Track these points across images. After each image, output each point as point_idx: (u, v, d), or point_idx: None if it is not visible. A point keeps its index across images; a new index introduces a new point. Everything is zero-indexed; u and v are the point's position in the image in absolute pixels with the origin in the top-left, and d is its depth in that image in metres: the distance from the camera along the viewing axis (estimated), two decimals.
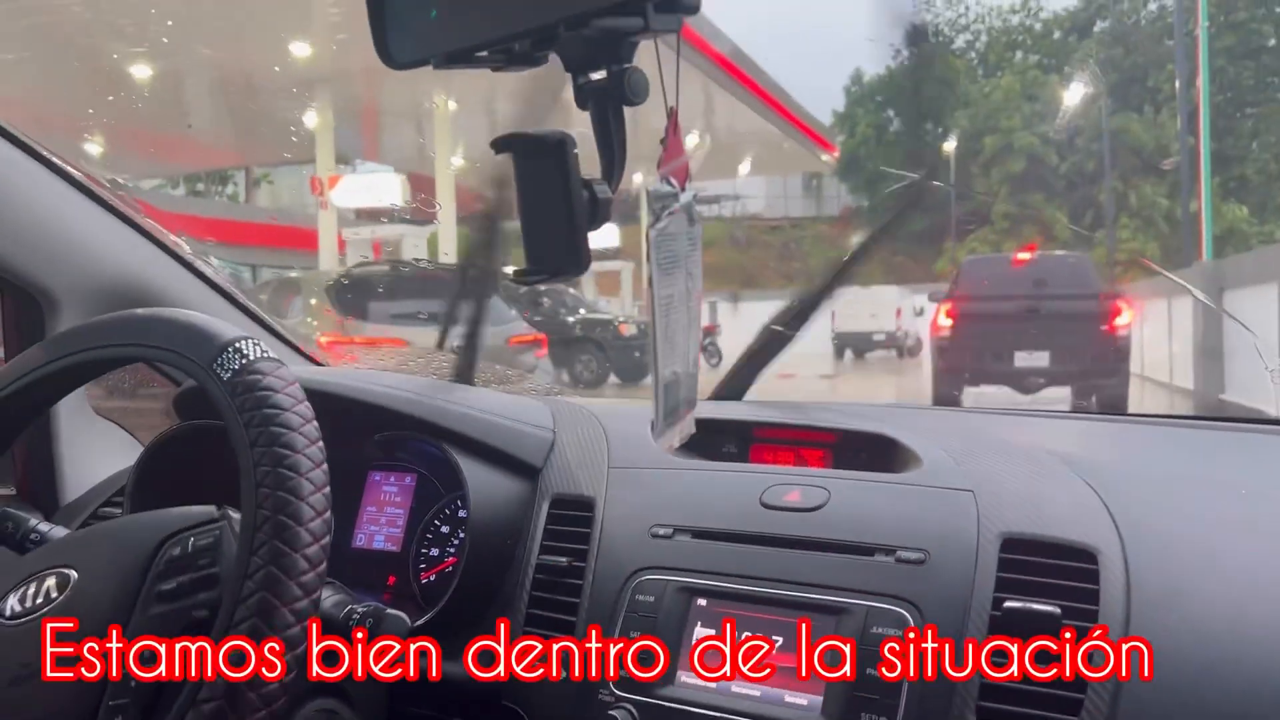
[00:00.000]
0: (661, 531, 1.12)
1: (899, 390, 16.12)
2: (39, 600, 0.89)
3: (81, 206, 1.42)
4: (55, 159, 1.39)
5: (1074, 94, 33.69)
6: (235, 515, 0.90)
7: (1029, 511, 0.99)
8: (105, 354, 0.97)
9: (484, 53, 0.69)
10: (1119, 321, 9.45)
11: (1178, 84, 17.57)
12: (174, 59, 13.70)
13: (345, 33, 13.02)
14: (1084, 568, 0.92)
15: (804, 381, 18.06)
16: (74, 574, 0.90)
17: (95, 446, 1.47)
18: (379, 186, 16.42)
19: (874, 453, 1.22)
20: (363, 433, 1.33)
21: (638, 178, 0.95)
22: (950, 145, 32.78)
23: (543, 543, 1.19)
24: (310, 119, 15.92)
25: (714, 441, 1.33)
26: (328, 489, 0.83)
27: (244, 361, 0.87)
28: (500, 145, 0.71)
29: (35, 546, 1.05)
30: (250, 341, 0.89)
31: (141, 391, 1.63)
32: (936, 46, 39.56)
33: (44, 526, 1.08)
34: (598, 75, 0.70)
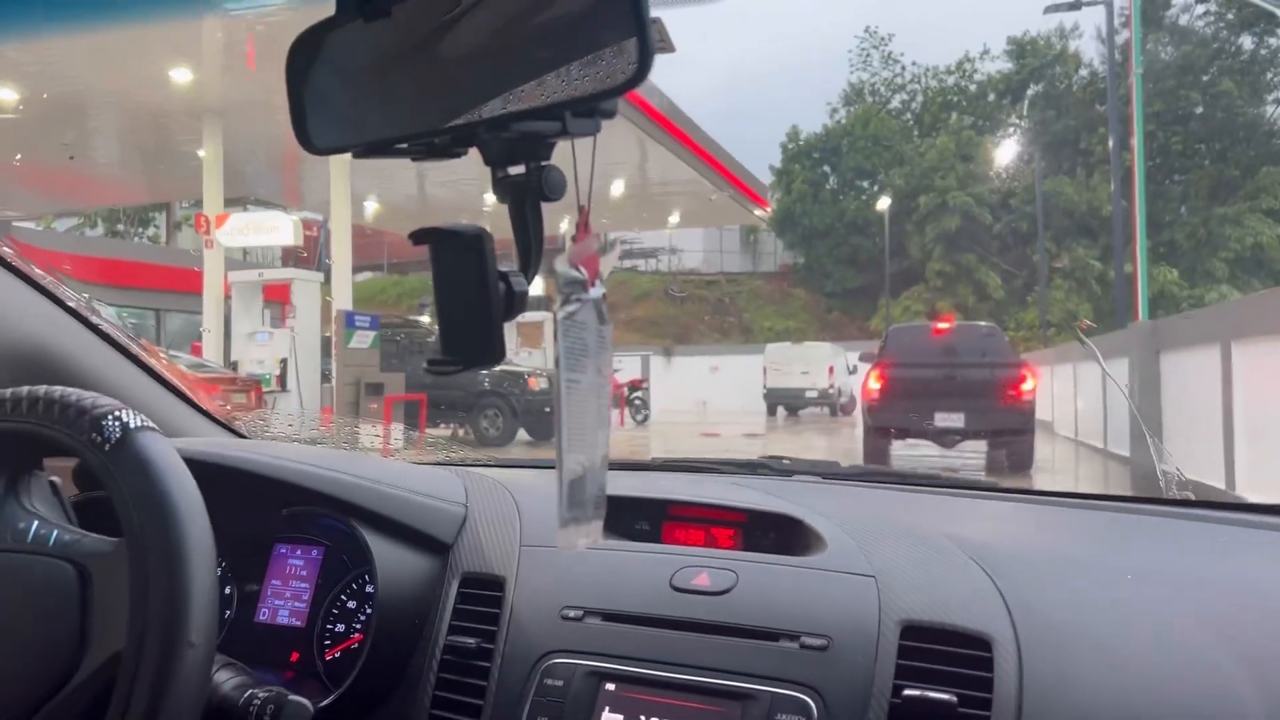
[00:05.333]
0: (572, 614, 1.13)
1: (829, 452, 16.28)
2: None
3: None
4: None
5: (1007, 155, 34.97)
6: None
7: (927, 598, 1.04)
8: None
9: (404, 144, 0.74)
10: (1024, 388, 10.98)
11: (1111, 144, 18.23)
12: (48, 82, 13.29)
13: (238, 60, 12.74)
14: (979, 655, 0.97)
15: (729, 441, 18.12)
16: None
17: None
18: (269, 226, 15.80)
19: (781, 533, 1.25)
20: (269, 506, 1.32)
21: (564, 225, 0.93)
22: (885, 203, 33.77)
23: (451, 622, 1.19)
24: (201, 152, 15.51)
25: (626, 518, 1.35)
26: (213, 578, 0.85)
27: (124, 432, 0.88)
28: (418, 237, 0.73)
29: None
30: (129, 413, 0.89)
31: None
32: (873, 105, 40.80)
33: None
34: (516, 170, 0.73)
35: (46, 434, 0.91)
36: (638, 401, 20.67)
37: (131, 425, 0.88)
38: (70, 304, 1.43)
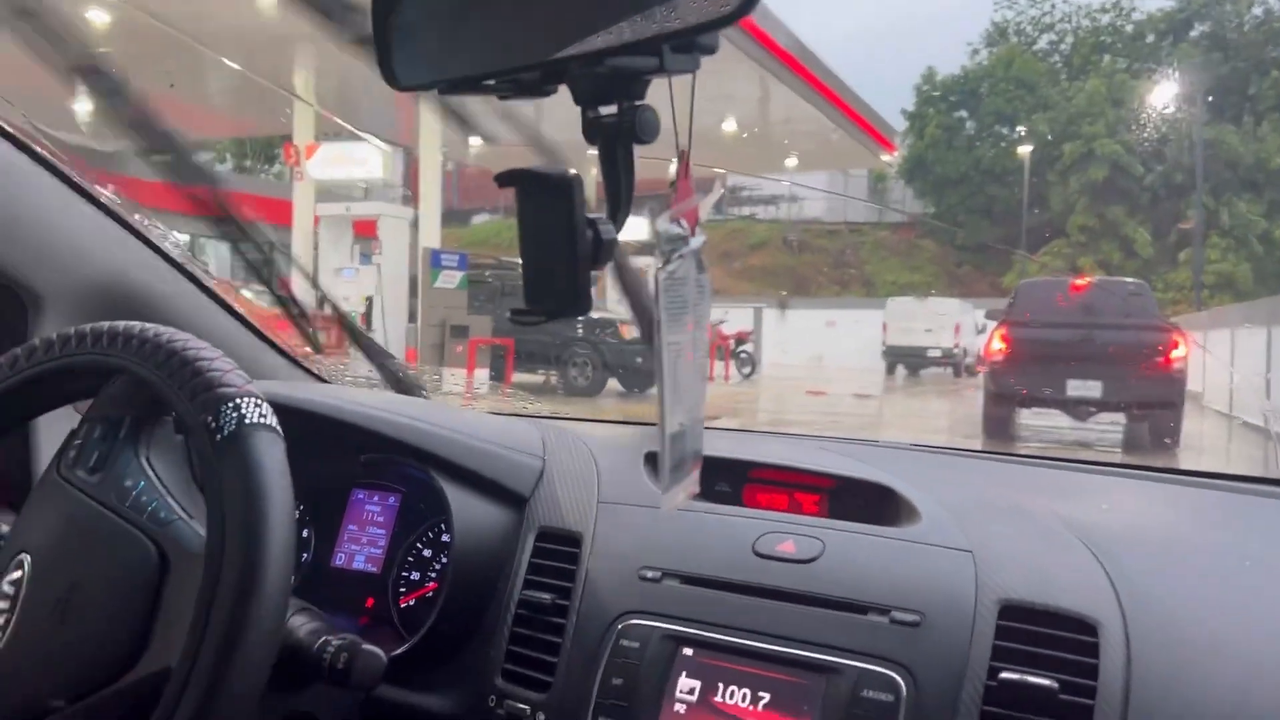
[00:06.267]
0: (650, 574, 1.13)
1: (949, 417, 15.86)
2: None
3: (67, 200, 1.42)
4: (41, 150, 1.38)
5: (1164, 100, 33.36)
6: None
7: (1029, 577, 1.01)
8: (98, 361, 0.96)
9: (491, 81, 0.73)
10: (1175, 354, 9.96)
11: None
12: (141, 6, 13.48)
13: None
14: (1084, 640, 0.94)
15: (837, 400, 17.73)
16: (26, 556, 0.94)
17: None
18: (357, 157, 15.93)
19: (871, 502, 1.23)
20: (348, 451, 1.36)
21: (672, 168, 0.91)
22: (1026, 151, 32.64)
23: (526, 577, 1.21)
24: (299, 81, 15.58)
25: (707, 479, 1.33)
26: (288, 584, 0.85)
27: (239, 425, 0.86)
28: (505, 180, 0.72)
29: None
30: (251, 401, 0.88)
31: None
32: (1017, 45, 39.36)
33: (5, 529, 1.09)
34: (608, 110, 0.72)
35: (166, 393, 0.90)
36: (744, 355, 20.54)
37: (248, 420, 0.86)
38: (158, 243, 1.48)
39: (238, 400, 0.87)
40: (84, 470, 0.97)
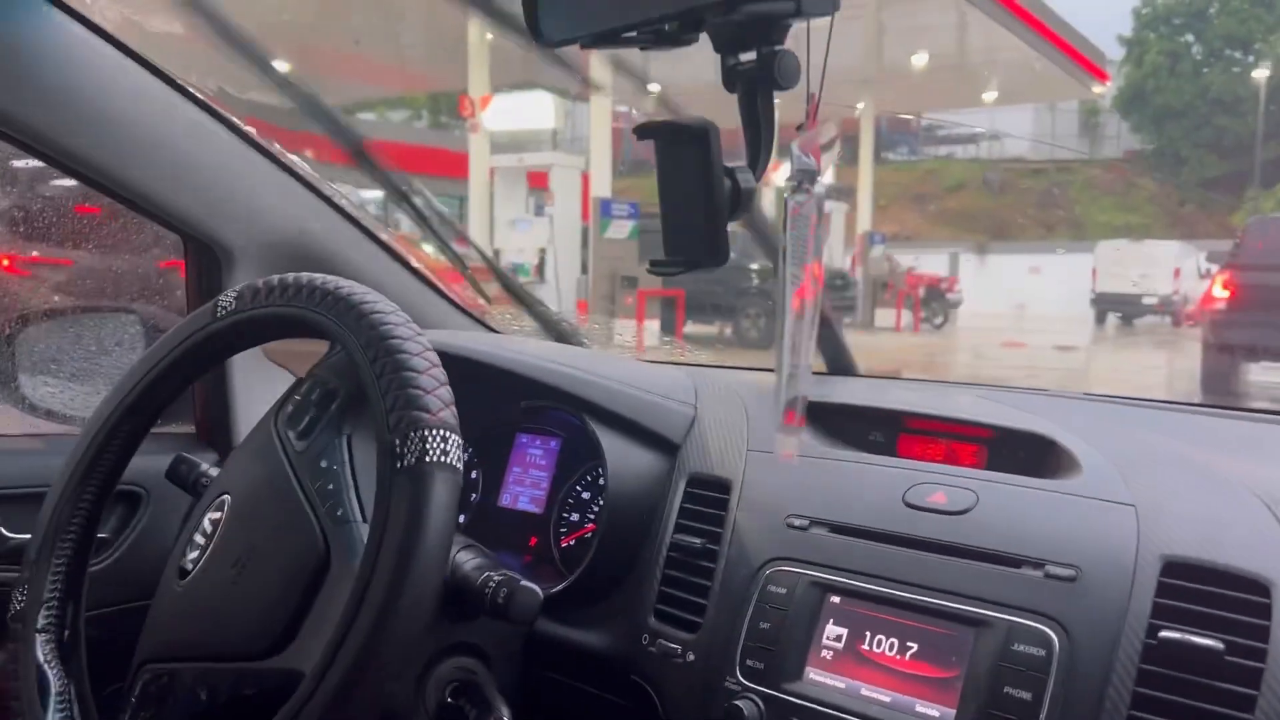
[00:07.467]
0: (798, 522, 1.17)
1: (1167, 373, 14.92)
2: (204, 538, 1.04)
3: (248, 158, 1.58)
4: (220, 110, 1.53)
5: None
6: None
7: (1196, 533, 0.99)
8: (319, 321, 0.98)
9: (633, 33, 0.77)
10: None
11: None
12: None
13: None
14: (1254, 601, 0.92)
15: (1036, 353, 16.79)
16: (228, 498, 1.05)
17: (266, 390, 1.61)
18: (530, 108, 16.44)
19: (1031, 454, 1.22)
20: (511, 398, 1.49)
21: (860, 105, 0.95)
22: (1262, 75, 30.30)
23: (678, 521, 1.28)
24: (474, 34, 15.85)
25: (860, 429, 1.36)
26: (423, 624, 0.88)
27: (419, 459, 0.87)
28: (643, 133, 0.76)
29: (205, 490, 1.18)
30: (438, 434, 0.88)
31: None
32: None
33: (213, 471, 1.23)
34: (748, 57, 0.75)
35: (369, 391, 0.91)
36: (936, 304, 20.05)
37: (429, 457, 0.86)
38: (335, 200, 1.63)
39: (425, 432, 0.87)
40: (294, 431, 1.04)
